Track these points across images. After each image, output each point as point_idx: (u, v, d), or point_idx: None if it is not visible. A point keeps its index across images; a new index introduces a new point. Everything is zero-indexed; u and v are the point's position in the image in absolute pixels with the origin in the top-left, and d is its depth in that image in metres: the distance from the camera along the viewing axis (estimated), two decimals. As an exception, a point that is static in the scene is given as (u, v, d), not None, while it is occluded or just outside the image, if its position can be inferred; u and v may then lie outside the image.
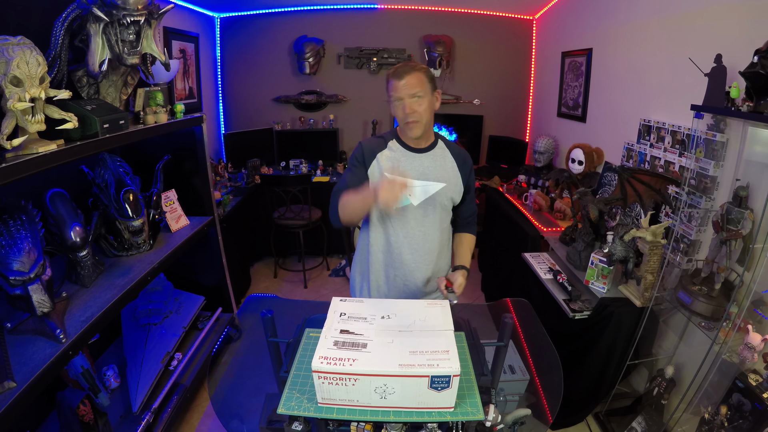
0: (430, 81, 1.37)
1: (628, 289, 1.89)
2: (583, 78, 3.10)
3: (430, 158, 1.45)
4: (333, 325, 0.97)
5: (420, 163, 1.44)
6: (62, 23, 1.49)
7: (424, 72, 1.36)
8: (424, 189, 1.43)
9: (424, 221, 1.45)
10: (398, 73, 1.33)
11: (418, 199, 1.42)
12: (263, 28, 3.99)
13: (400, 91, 1.33)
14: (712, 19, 1.85)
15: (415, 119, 1.35)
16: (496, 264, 3.22)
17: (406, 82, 1.32)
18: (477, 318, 1.32)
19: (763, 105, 1.35)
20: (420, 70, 1.35)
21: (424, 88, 1.34)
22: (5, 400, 1.08)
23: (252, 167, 3.72)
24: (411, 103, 1.33)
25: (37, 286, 1.28)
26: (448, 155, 1.48)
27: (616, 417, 2.01)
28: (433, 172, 1.43)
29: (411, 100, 1.33)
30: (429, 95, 1.37)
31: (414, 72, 1.33)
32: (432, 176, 1.43)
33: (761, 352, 1.40)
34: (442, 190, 1.43)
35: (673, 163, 2.06)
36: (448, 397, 0.86)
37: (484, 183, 3.77)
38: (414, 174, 1.42)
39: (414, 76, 1.32)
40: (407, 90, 1.32)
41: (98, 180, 1.80)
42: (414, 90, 1.32)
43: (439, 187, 1.43)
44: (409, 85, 1.32)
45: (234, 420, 1.12)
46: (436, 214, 1.45)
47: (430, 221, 1.45)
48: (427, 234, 1.46)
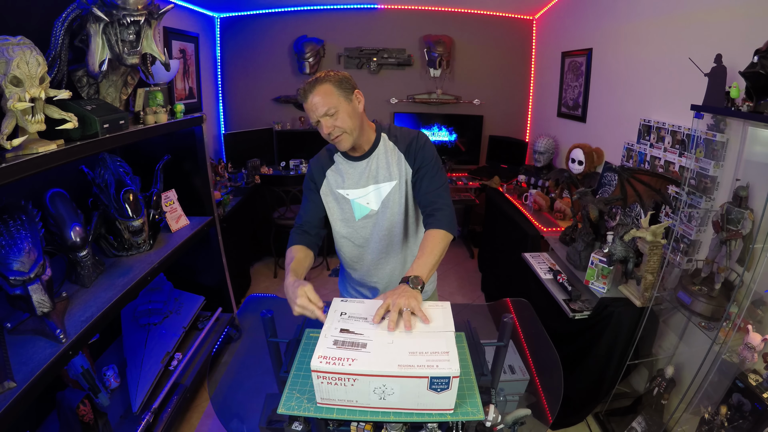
0: (339, 88, 1.25)
1: (628, 289, 1.89)
2: (583, 78, 3.10)
3: (375, 160, 1.38)
4: (333, 324, 0.97)
5: (367, 167, 1.38)
6: (62, 23, 1.49)
7: (330, 81, 1.24)
8: (377, 192, 1.39)
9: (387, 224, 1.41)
10: (304, 95, 1.24)
11: (377, 204, 1.40)
12: (263, 28, 3.99)
13: (311, 114, 1.25)
14: (712, 19, 1.85)
15: (337, 134, 1.27)
16: (496, 264, 3.22)
17: (311, 102, 1.23)
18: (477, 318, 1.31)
19: (763, 105, 1.35)
20: (324, 81, 1.23)
21: (333, 100, 1.23)
22: (5, 400, 1.08)
23: (252, 167, 3.72)
24: (326, 122, 1.24)
25: (37, 286, 1.28)
26: (392, 149, 1.39)
27: (616, 417, 2.01)
28: (381, 172, 1.38)
29: (325, 119, 1.24)
30: (344, 104, 1.25)
31: (317, 87, 1.23)
32: (382, 176, 1.37)
33: (761, 352, 1.40)
34: (395, 187, 1.38)
35: (673, 163, 2.06)
36: (447, 399, 0.86)
37: (484, 183, 3.77)
38: (366, 180, 1.38)
39: (318, 93, 1.22)
40: (317, 111, 1.23)
41: (98, 180, 1.80)
42: (324, 108, 1.22)
43: (390, 186, 1.38)
44: (316, 105, 1.23)
45: (234, 420, 1.12)
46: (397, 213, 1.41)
47: (392, 221, 1.41)
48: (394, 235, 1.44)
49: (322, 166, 1.43)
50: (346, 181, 1.40)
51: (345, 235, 1.46)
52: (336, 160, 1.42)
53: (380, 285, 1.52)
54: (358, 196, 1.40)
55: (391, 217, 1.41)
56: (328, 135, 1.27)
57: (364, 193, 1.40)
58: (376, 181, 1.38)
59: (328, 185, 1.42)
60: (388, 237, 1.43)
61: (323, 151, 1.48)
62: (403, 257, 1.49)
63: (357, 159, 1.39)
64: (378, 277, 1.51)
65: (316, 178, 1.43)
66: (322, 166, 1.43)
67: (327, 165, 1.43)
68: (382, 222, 1.41)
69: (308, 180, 1.45)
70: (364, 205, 1.40)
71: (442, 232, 1.23)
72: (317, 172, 1.43)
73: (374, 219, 1.42)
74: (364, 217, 1.41)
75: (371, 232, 1.44)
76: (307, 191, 1.45)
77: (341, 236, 1.47)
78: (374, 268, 1.49)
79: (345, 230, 1.45)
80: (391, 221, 1.41)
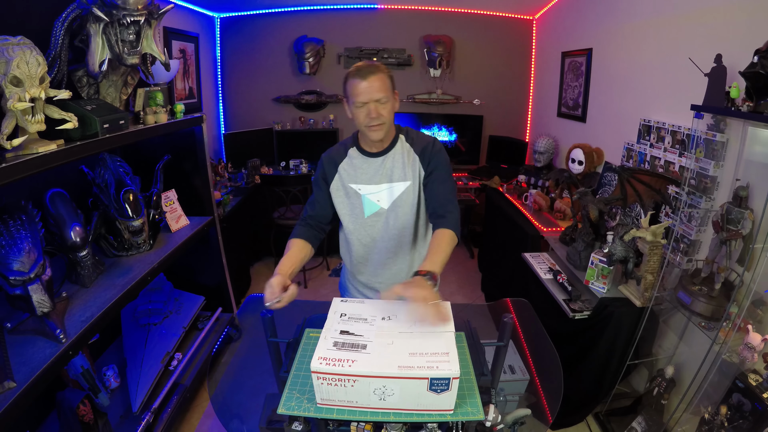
0: (391, 82, 1.30)
1: (628, 289, 1.89)
2: (583, 78, 3.10)
3: (391, 158, 1.39)
4: (333, 325, 0.97)
5: (382, 165, 1.39)
6: (62, 23, 1.49)
7: (386, 73, 1.29)
8: (390, 191, 1.39)
9: (397, 223, 1.42)
10: (362, 72, 1.25)
11: (387, 202, 1.40)
12: (263, 28, 3.99)
13: (363, 95, 1.26)
14: (712, 19, 1.85)
15: (379, 122, 1.29)
16: (496, 264, 3.22)
17: (370, 83, 1.24)
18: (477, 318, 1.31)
19: (763, 105, 1.35)
20: (383, 71, 1.28)
21: (387, 92, 1.28)
22: (5, 400, 1.08)
23: (252, 167, 3.72)
24: (375, 107, 1.27)
25: (37, 286, 1.28)
26: (409, 150, 1.40)
27: (616, 417, 2.01)
28: (396, 171, 1.38)
29: (375, 104, 1.27)
30: (391, 97, 1.31)
31: (378, 74, 1.26)
32: (396, 176, 1.38)
33: (761, 352, 1.40)
34: (409, 188, 1.39)
35: (673, 163, 2.05)
36: (447, 400, 0.86)
37: (484, 183, 3.77)
38: (379, 178, 1.39)
39: (378, 78, 1.25)
40: (372, 94, 1.25)
41: (98, 180, 1.80)
42: (380, 94, 1.26)
43: (404, 187, 1.39)
44: (374, 88, 1.25)
45: (234, 420, 1.12)
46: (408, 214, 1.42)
47: (403, 222, 1.42)
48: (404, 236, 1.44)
49: (335, 160, 1.43)
50: (359, 176, 1.40)
51: (353, 231, 1.45)
52: (351, 155, 1.42)
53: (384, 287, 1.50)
54: (370, 192, 1.40)
55: (403, 218, 1.41)
56: (370, 119, 1.28)
57: (377, 190, 1.40)
58: (390, 179, 1.39)
59: (340, 179, 1.42)
60: (398, 238, 1.44)
61: (337, 145, 1.47)
62: (411, 259, 1.49)
63: (373, 155, 1.40)
64: (383, 278, 1.51)
65: (327, 172, 1.43)
66: (335, 160, 1.43)
67: (340, 158, 1.42)
68: (392, 221, 1.41)
69: (319, 174, 1.44)
70: (375, 202, 1.40)
71: (452, 233, 1.26)
72: (329, 166, 1.43)
73: (383, 218, 1.42)
74: (373, 215, 1.42)
75: (380, 231, 1.44)
76: (317, 185, 1.44)
77: (349, 232, 1.46)
78: (381, 268, 1.49)
79: (353, 226, 1.45)
80: (402, 222, 1.42)
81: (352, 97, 1.29)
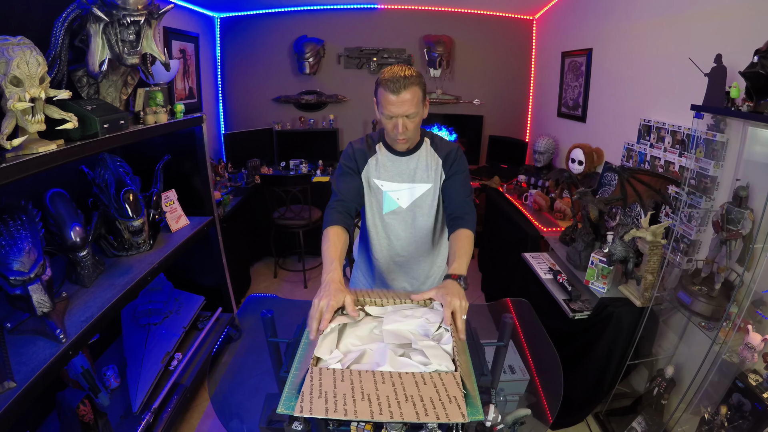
0: (423, 93, 1.27)
1: (628, 289, 1.89)
2: (583, 78, 3.10)
3: (415, 160, 1.42)
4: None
5: (407, 165, 1.42)
6: (62, 23, 1.49)
7: (419, 84, 1.24)
8: (410, 191, 1.43)
9: (415, 223, 1.46)
10: (395, 87, 1.20)
11: (407, 202, 1.43)
12: (263, 28, 3.99)
13: (392, 109, 1.23)
14: (712, 19, 1.85)
15: (405, 137, 1.30)
16: (496, 264, 3.22)
17: (402, 97, 1.21)
18: (477, 318, 1.31)
19: (763, 105, 1.35)
20: (416, 83, 1.23)
21: (417, 107, 1.25)
22: (5, 400, 1.08)
23: (252, 167, 3.72)
24: (404, 122, 1.25)
25: (37, 286, 1.28)
26: (432, 153, 1.43)
27: (616, 417, 2.01)
28: (419, 173, 1.42)
29: (404, 119, 1.25)
30: (421, 110, 1.28)
31: (411, 87, 1.21)
32: (419, 177, 1.42)
33: (761, 352, 1.40)
34: (429, 190, 1.43)
35: (673, 163, 2.05)
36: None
37: (484, 183, 3.77)
38: (402, 177, 1.42)
39: (410, 92, 1.21)
40: (403, 108, 1.23)
41: (98, 180, 1.80)
42: (411, 110, 1.23)
43: (425, 188, 1.42)
44: (404, 104, 1.22)
45: (234, 420, 1.12)
46: (427, 216, 1.46)
47: (420, 223, 1.46)
48: (419, 236, 1.48)
49: (365, 152, 1.43)
50: (384, 172, 1.42)
51: (375, 224, 1.48)
52: (377, 151, 1.44)
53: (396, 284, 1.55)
54: (391, 190, 1.43)
55: (420, 219, 1.45)
56: (397, 134, 1.28)
57: (398, 188, 1.42)
58: (413, 180, 1.42)
59: (368, 172, 1.43)
60: (415, 239, 1.47)
61: (365, 138, 1.47)
62: (432, 260, 1.53)
63: (399, 154, 1.42)
64: (396, 274, 1.54)
65: (359, 159, 1.43)
66: (365, 152, 1.43)
67: (370, 153, 1.44)
68: (410, 221, 1.45)
69: (350, 160, 1.43)
70: (395, 200, 1.43)
71: (472, 234, 1.30)
72: (361, 156, 1.43)
73: (401, 216, 1.45)
74: (390, 212, 1.44)
75: (399, 230, 1.47)
76: (346, 173, 1.42)
77: (371, 224, 1.49)
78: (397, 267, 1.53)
79: (373, 220, 1.48)
80: (422, 223, 1.45)
81: (382, 106, 1.26)
